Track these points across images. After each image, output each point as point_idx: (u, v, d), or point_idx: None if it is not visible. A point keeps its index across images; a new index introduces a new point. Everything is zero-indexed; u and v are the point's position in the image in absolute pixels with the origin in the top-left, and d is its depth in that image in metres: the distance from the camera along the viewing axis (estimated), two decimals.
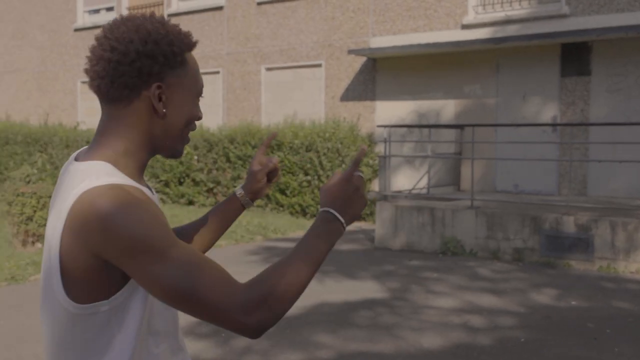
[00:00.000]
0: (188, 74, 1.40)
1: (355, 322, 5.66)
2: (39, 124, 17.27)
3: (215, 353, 4.87)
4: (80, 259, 1.25)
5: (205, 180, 13.22)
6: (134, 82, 1.33)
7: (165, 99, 1.37)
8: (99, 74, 1.33)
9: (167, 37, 1.35)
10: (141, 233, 1.21)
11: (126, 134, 1.37)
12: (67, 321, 1.31)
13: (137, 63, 1.32)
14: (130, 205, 1.22)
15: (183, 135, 1.43)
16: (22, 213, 8.44)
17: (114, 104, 1.36)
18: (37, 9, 18.81)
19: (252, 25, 14.18)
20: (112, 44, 1.32)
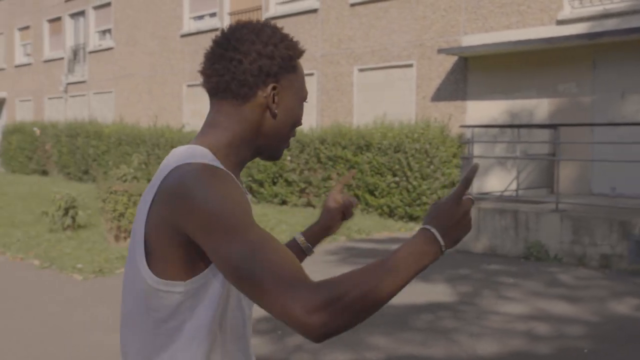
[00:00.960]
0: (298, 78, 1.47)
1: (414, 325, 5.60)
2: (147, 126, 18.19)
3: (268, 349, 4.97)
4: (163, 231, 1.28)
5: (297, 181, 13.44)
6: (253, 81, 1.39)
7: (278, 100, 1.43)
8: (219, 72, 1.39)
9: (284, 42, 1.42)
10: (221, 209, 1.21)
11: (234, 128, 1.41)
12: (143, 294, 1.33)
13: (258, 62, 1.38)
14: (216, 182, 1.25)
15: (288, 138, 1.49)
16: (115, 210, 8.94)
17: (229, 100, 1.41)
18: (148, 17, 19.82)
19: (345, 26, 14.27)
20: (234, 44, 1.39)
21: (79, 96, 23.32)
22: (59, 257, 8.31)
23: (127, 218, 8.99)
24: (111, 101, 21.67)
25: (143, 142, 17.39)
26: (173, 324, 1.33)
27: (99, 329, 5.54)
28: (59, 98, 24.36)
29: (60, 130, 21.18)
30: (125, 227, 9.05)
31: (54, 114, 24.38)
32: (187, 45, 18.39)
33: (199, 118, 18.08)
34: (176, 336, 1.33)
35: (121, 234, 9.13)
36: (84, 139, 19.86)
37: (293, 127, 1.48)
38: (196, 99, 18.25)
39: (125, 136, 18.03)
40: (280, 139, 1.47)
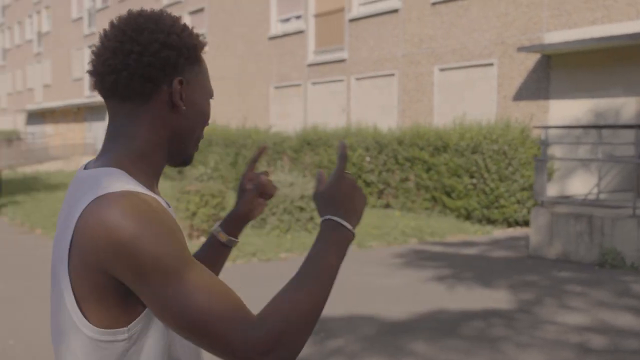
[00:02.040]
0: (203, 71, 1.29)
1: (462, 332, 5.47)
2: (236, 127, 18.68)
3: (306, 352, 5.01)
4: (91, 277, 1.11)
5: (375, 182, 13.40)
6: (156, 75, 1.20)
7: (185, 96, 1.24)
8: (115, 68, 1.19)
9: (186, 30, 1.25)
10: (155, 250, 1.07)
11: (141, 134, 1.23)
12: (82, 349, 1.15)
13: (161, 54, 1.20)
14: (144, 217, 1.09)
15: (198, 139, 1.31)
16: (187, 209, 9.26)
17: (130, 101, 1.22)
18: (238, 21, 20.34)
19: (426, 26, 14.08)
20: (131, 34, 1.20)
21: None
22: None
23: (199, 217, 9.29)
24: None
25: (232, 143, 17.86)
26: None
27: None
28: None
29: None
30: (197, 225, 9.35)
31: None
32: (274, 48, 18.72)
33: (285, 119, 18.37)
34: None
35: (194, 232, 9.44)
36: None
37: (203, 126, 1.30)
38: (282, 100, 18.55)
39: (215, 137, 18.60)
40: (191, 140, 1.28)
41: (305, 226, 10.23)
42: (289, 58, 18.10)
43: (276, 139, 16.25)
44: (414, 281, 7.38)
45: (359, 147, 13.66)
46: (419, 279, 7.49)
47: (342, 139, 12.44)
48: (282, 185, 10.29)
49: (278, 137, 16.28)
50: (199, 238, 9.48)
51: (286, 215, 10.10)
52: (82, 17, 32.45)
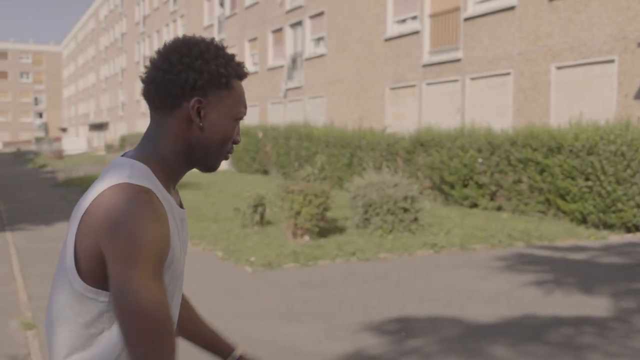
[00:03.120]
0: (231, 96, 1.47)
1: (547, 338, 5.32)
2: (352, 129, 18.89)
3: (382, 350, 5.08)
4: (89, 245, 1.35)
5: (487, 183, 13.13)
6: (176, 92, 1.42)
7: (204, 114, 1.45)
8: (149, 79, 1.45)
9: (217, 59, 1.45)
10: (139, 252, 1.29)
11: (165, 141, 1.46)
12: (70, 298, 1.40)
13: (183, 74, 1.41)
14: (147, 219, 1.31)
15: (219, 152, 1.50)
16: (292, 208, 9.54)
17: (159, 110, 1.46)
18: (355, 23, 20.57)
19: (542, 23, 13.61)
20: (166, 54, 1.44)
21: (296, 101, 24.90)
22: (239, 250, 9.09)
23: (303, 216, 9.55)
24: (323, 105, 22.83)
25: (347, 144, 18.10)
26: (93, 331, 1.39)
27: (251, 319, 6.04)
28: (280, 103, 26.21)
29: (278, 133, 22.81)
30: (301, 224, 9.61)
31: (275, 118, 26.28)
32: (390, 49, 18.77)
33: (401, 120, 18.37)
34: (94, 342, 1.40)
35: (298, 231, 9.71)
36: (297, 141, 21.19)
37: (223, 143, 1.49)
38: (398, 101, 18.56)
39: (332, 138, 18.91)
40: (209, 153, 1.49)
41: (408, 227, 10.24)
42: (405, 59, 18.09)
43: (390, 140, 16.29)
44: (509, 285, 7.22)
45: (470, 148, 13.44)
46: (516, 283, 7.31)
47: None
48: (387, 186, 10.35)
49: (392, 139, 16.31)
50: (303, 237, 9.74)
51: (389, 215, 10.16)
52: (213, 24, 34.01)
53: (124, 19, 56.34)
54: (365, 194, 10.38)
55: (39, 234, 11.45)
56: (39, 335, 5.50)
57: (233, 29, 31.15)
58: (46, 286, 7.38)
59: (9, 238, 10.98)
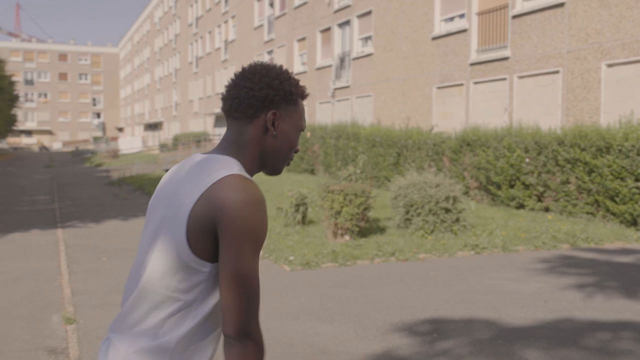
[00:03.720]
0: (297, 111, 1.82)
1: (582, 343, 5.21)
2: (399, 128, 18.79)
3: (411, 351, 5.06)
4: (203, 223, 1.61)
5: (534, 184, 12.88)
6: (257, 105, 1.74)
7: (277, 125, 1.77)
8: (233, 96, 1.76)
9: (289, 80, 1.79)
10: (252, 233, 1.59)
11: (247, 147, 1.76)
12: (174, 267, 1.66)
13: (264, 91, 1.74)
14: (258, 206, 1.62)
15: (286, 158, 1.83)
16: (332, 208, 9.57)
17: (240, 120, 1.76)
18: (403, 22, 20.45)
19: (593, 19, 13.27)
20: (248, 75, 1.76)
21: (343, 100, 24.90)
22: (279, 249, 9.17)
23: (343, 216, 9.56)
24: (370, 104, 22.77)
25: (394, 144, 18.02)
26: (189, 297, 1.66)
27: (284, 317, 6.10)
28: (328, 102, 26.26)
29: (326, 132, 22.87)
30: (341, 224, 9.63)
31: (324, 118, 26.34)
32: (437, 48, 18.60)
33: (447, 120, 18.19)
34: (186, 307, 1.66)
35: (338, 231, 9.73)
36: (344, 141, 21.20)
37: (289, 150, 1.82)
38: (445, 100, 18.38)
39: (379, 138, 18.86)
40: (279, 158, 1.81)
41: (450, 228, 10.14)
42: (452, 57, 17.89)
43: (436, 140, 16.15)
44: (549, 287, 7.08)
45: (517, 147, 13.21)
46: (556, 285, 7.17)
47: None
48: (428, 186, 10.28)
49: (438, 138, 16.16)
50: (343, 236, 9.76)
51: (431, 216, 10.08)
52: (263, 25, 34.30)
53: (177, 20, 57.33)
54: (406, 194, 10.33)
55: (88, 231, 11.77)
56: (78, 330, 5.67)
57: (282, 29, 31.35)
58: (90, 282, 7.60)
59: (60, 235, 11.32)
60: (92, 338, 5.45)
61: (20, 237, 11.17)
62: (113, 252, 9.55)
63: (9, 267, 8.55)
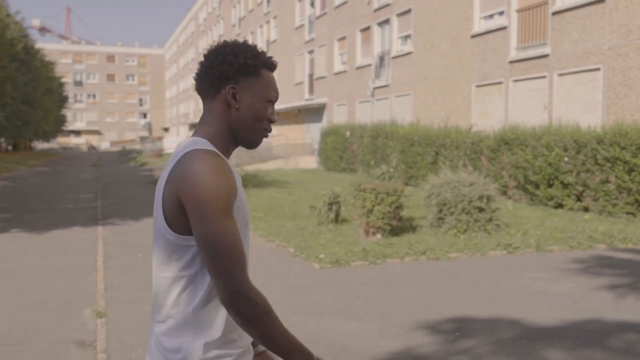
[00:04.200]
0: (260, 82, 1.85)
1: (607, 344, 5.12)
2: (438, 127, 18.67)
3: (432, 349, 5.05)
4: (173, 201, 1.71)
5: (573, 183, 12.66)
6: (215, 82, 1.82)
7: (239, 98, 1.83)
8: (198, 76, 1.86)
9: (245, 53, 1.83)
10: (212, 196, 1.65)
11: (214, 123, 1.84)
12: (167, 249, 1.77)
13: (218, 68, 1.81)
14: (215, 171, 1.68)
15: (256, 129, 1.87)
16: (363, 206, 9.58)
17: (206, 99, 1.86)
18: (442, 20, 20.30)
19: (635, 15, 12.95)
20: (207, 54, 1.86)
21: (383, 99, 24.84)
22: (310, 247, 9.22)
23: (375, 215, 9.56)
24: (409, 103, 22.66)
25: (432, 143, 17.92)
26: (191, 272, 1.75)
27: (309, 314, 6.15)
28: (367, 102, 26.23)
29: (365, 131, 22.86)
30: (373, 222, 9.63)
31: (363, 117, 26.32)
32: (476, 46, 18.41)
33: (486, 119, 17.99)
34: (191, 281, 1.76)
35: (370, 229, 9.73)
36: (382, 140, 21.17)
37: (257, 121, 1.85)
38: (484, 99, 18.18)
39: (417, 137, 18.77)
40: (247, 130, 1.86)
41: (484, 227, 10.04)
42: (491, 55, 17.68)
43: (474, 139, 16.00)
44: (580, 288, 6.97)
45: (555, 146, 13.00)
46: (588, 286, 7.05)
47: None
48: (462, 185, 10.20)
49: (476, 137, 16.01)
50: (375, 235, 9.76)
51: (464, 215, 10.00)
52: (304, 25, 34.44)
53: (221, 21, 57.98)
54: (439, 192, 10.27)
55: (126, 229, 12.03)
56: (108, 324, 5.82)
57: (323, 29, 31.42)
58: (124, 277, 7.78)
59: (100, 232, 11.60)
60: (120, 332, 5.59)
61: (61, 233, 11.48)
62: (149, 249, 9.73)
63: (47, 262, 8.81)
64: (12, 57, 38.93)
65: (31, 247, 10.07)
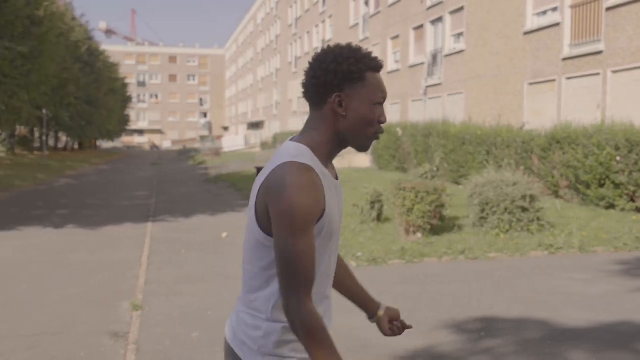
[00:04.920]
0: (366, 86, 1.87)
1: (634, 346, 5.02)
2: (489, 126, 18.41)
3: (453, 348, 5.06)
4: (263, 205, 1.82)
5: (625, 183, 12.32)
6: (321, 92, 1.87)
7: (346, 105, 1.87)
8: (305, 86, 1.92)
9: (348, 60, 1.85)
10: (289, 213, 1.74)
11: (320, 129, 1.89)
12: (254, 246, 1.90)
13: (323, 78, 1.85)
14: (302, 188, 1.75)
15: (364, 133, 1.90)
16: (403, 205, 9.58)
17: (313, 107, 1.92)
18: (495, 17, 20.02)
19: None
20: (312, 64, 1.89)
21: (435, 98, 24.66)
22: (349, 245, 9.28)
23: (415, 213, 9.55)
24: (461, 102, 22.43)
25: (483, 142, 17.70)
26: (270, 272, 1.87)
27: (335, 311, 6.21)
28: (420, 100, 26.08)
29: (417, 130, 22.74)
30: (413, 221, 9.62)
31: (416, 116, 26.18)
32: (529, 43, 18.09)
33: (539, 117, 17.66)
34: (272, 280, 1.87)
35: (410, 229, 9.73)
36: (434, 139, 21.01)
37: (366, 125, 1.89)
38: (537, 97, 17.84)
39: (468, 136, 18.57)
40: (357, 135, 1.90)
41: (527, 227, 9.90)
42: (544, 53, 17.34)
43: (525, 138, 15.73)
44: (618, 290, 6.82)
45: (607, 145, 12.67)
46: (627, 288, 6.90)
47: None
48: (505, 185, 10.08)
49: (527, 136, 15.74)
50: (415, 234, 9.75)
51: (507, 215, 9.89)
52: (358, 24, 34.46)
53: (278, 21, 58.54)
54: (482, 192, 10.18)
55: (176, 225, 12.35)
56: (142, 317, 6.04)
57: (377, 28, 31.38)
58: (164, 272, 8.03)
59: (149, 228, 11.95)
60: (153, 324, 5.80)
61: (113, 229, 11.88)
62: (193, 245, 9.99)
63: (94, 257, 9.16)
64: (76, 58, 40.33)
65: (83, 242, 10.47)
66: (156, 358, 4.94)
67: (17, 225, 12.32)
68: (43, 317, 6.10)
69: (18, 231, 11.66)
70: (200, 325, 5.76)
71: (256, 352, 1.90)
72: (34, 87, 25.84)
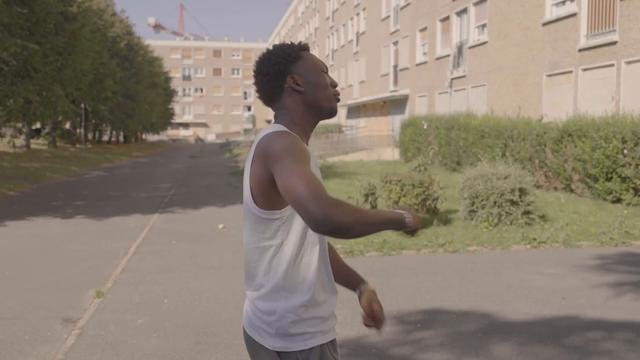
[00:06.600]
0: (307, 61, 2.10)
1: (566, 341, 5.00)
2: (508, 119, 18.19)
3: (384, 338, 5.13)
4: (259, 176, 1.92)
5: (631, 177, 12.08)
6: (275, 82, 2.08)
7: (300, 81, 2.07)
8: (260, 90, 2.12)
9: (282, 48, 2.10)
10: (287, 149, 1.85)
11: (289, 114, 2.08)
12: (254, 223, 2.00)
13: (271, 71, 2.07)
14: (286, 139, 1.89)
15: (325, 97, 2.09)
16: (389, 198, 9.63)
17: (274, 102, 2.11)
18: (516, 8, 19.73)
19: None
20: (257, 68, 2.11)
21: (460, 90, 24.44)
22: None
23: (400, 206, 9.58)
24: (484, 94, 22.19)
25: (500, 135, 17.51)
26: (276, 242, 1.98)
27: None
28: (445, 93, 25.87)
29: (441, 123, 22.59)
30: None
31: (442, 108, 25.99)
32: (547, 34, 17.79)
33: (557, 109, 17.37)
34: (277, 250, 1.98)
35: None
36: (456, 132, 20.86)
37: (323, 89, 2.08)
38: (555, 89, 17.55)
39: (488, 128, 18.40)
40: (320, 102, 2.08)
41: (516, 220, 9.83)
42: (561, 44, 17.04)
43: (539, 130, 15.52)
44: (580, 285, 6.76)
45: (614, 138, 12.43)
46: (591, 283, 6.83)
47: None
48: (496, 178, 10.02)
49: (541, 128, 15.52)
50: None
51: (495, 208, 9.83)
52: (389, 16, 34.32)
53: (317, 14, 58.63)
54: (472, 185, 10.15)
55: (180, 217, 12.63)
56: (101, 304, 6.27)
57: (406, 20, 31.21)
58: (145, 262, 8.27)
59: (153, 219, 12.26)
60: (107, 310, 6.02)
61: (119, 220, 12.22)
62: (187, 236, 10.23)
63: (87, 246, 9.47)
64: (114, 53, 41.23)
65: (83, 232, 10.82)
66: (95, 342, 5.15)
67: (29, 216, 12.78)
68: (10, 302, 6.39)
69: (28, 221, 12.11)
70: (151, 312, 5.95)
71: (274, 335, 1.98)
72: (67, 81, 26.58)
